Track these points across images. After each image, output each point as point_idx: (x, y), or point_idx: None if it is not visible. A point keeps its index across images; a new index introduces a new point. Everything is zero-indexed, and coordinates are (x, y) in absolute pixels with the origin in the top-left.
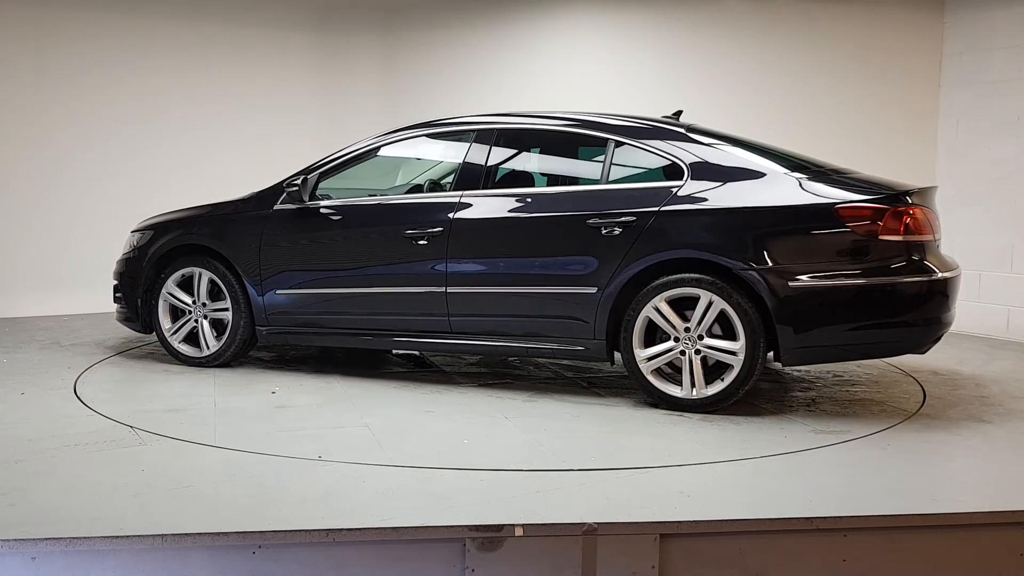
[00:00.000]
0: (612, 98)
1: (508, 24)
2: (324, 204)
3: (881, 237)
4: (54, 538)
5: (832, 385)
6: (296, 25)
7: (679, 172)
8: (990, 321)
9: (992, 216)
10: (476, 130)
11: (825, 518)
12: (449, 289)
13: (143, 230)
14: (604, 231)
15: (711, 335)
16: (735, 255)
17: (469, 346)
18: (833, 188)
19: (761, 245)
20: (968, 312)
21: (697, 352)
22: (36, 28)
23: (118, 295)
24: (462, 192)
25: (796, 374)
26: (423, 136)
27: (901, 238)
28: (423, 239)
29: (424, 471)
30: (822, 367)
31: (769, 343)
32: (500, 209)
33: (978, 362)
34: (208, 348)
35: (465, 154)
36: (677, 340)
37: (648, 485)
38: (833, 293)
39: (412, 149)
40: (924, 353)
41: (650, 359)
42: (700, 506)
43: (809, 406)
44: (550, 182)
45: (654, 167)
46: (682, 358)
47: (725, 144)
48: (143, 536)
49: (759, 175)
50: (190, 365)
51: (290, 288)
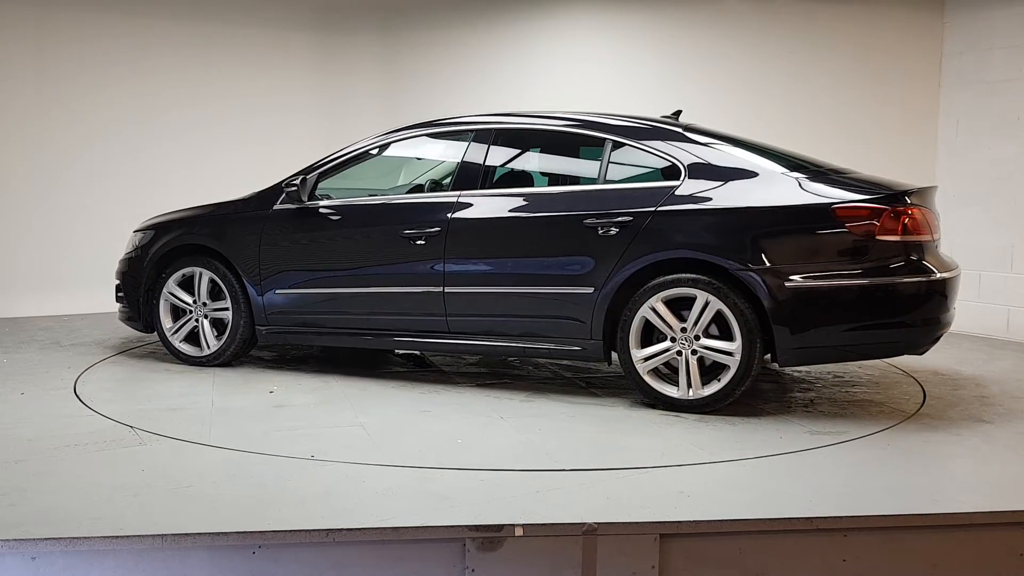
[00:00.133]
0: (612, 98)
1: (508, 24)
2: (323, 204)
3: (878, 237)
4: (54, 538)
5: (832, 386)
6: (296, 25)
7: (676, 172)
8: (990, 321)
9: (992, 216)
10: (474, 130)
11: (825, 518)
12: (446, 289)
13: (145, 230)
14: (601, 231)
15: (708, 335)
16: (731, 255)
17: (466, 346)
18: (831, 188)
19: (758, 245)
20: (968, 312)
21: (693, 352)
22: (36, 28)
23: (120, 294)
24: (460, 192)
25: (796, 375)
26: (421, 136)
27: (899, 238)
28: (421, 239)
29: (424, 471)
30: (823, 368)
31: (766, 344)
32: (497, 209)
33: (978, 362)
34: (208, 347)
35: (463, 154)
36: (674, 340)
37: (648, 485)
38: (830, 293)
39: (411, 149)
40: (922, 354)
41: (646, 359)
42: (700, 506)
43: (807, 407)
44: (548, 182)
45: (651, 167)
46: (679, 358)
47: (723, 144)
48: (143, 536)
49: (757, 175)
50: (191, 364)
51: (289, 288)
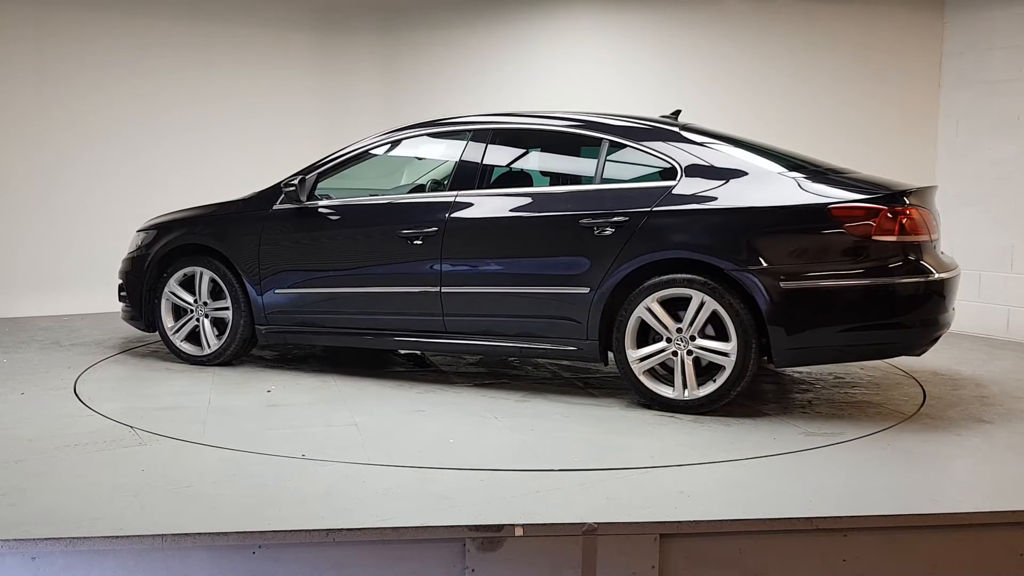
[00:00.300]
0: (612, 98)
1: (508, 24)
2: (322, 204)
3: (875, 237)
4: (54, 538)
5: (831, 387)
6: (296, 25)
7: (673, 172)
8: (990, 321)
9: (992, 216)
10: (472, 130)
11: (825, 518)
12: (443, 289)
13: (147, 229)
14: (596, 231)
15: (704, 336)
16: (727, 255)
17: (463, 346)
18: (828, 188)
19: (753, 245)
20: (968, 312)
21: (689, 353)
22: (36, 28)
23: (123, 294)
24: (457, 192)
25: (797, 376)
26: (420, 136)
27: (896, 238)
28: (418, 239)
29: (424, 471)
30: (824, 368)
31: (763, 344)
32: (494, 209)
33: (978, 362)
34: (209, 347)
35: (461, 154)
36: (669, 341)
37: (648, 485)
38: (826, 294)
39: (409, 149)
40: (920, 355)
41: (642, 359)
42: (700, 506)
43: (804, 408)
44: (546, 182)
45: (648, 167)
46: (674, 359)
47: (721, 144)
48: (143, 536)
49: (754, 175)
50: (192, 364)
51: (288, 288)
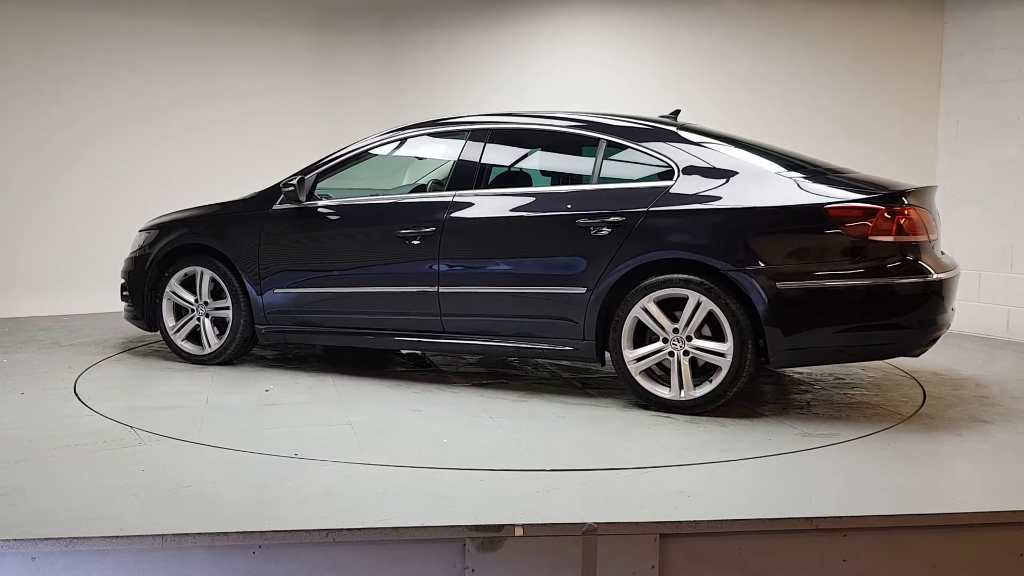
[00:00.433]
0: (612, 98)
1: (508, 24)
2: (321, 204)
3: (871, 238)
4: (54, 538)
5: (831, 388)
6: (296, 25)
7: (670, 172)
8: (990, 321)
9: (992, 216)
10: (470, 130)
11: (825, 518)
12: (441, 289)
13: (150, 229)
14: (593, 231)
15: (700, 336)
16: (723, 256)
17: (461, 346)
18: (825, 188)
19: (750, 246)
20: (968, 312)
21: (685, 353)
22: (36, 28)
23: (125, 293)
24: (455, 192)
25: (797, 376)
26: (419, 136)
27: (893, 239)
28: (416, 239)
29: (424, 471)
30: (825, 369)
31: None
32: (491, 209)
33: (978, 362)
34: (210, 346)
35: (459, 154)
36: (666, 341)
37: (648, 485)
38: (823, 294)
39: (408, 149)
40: (918, 356)
41: (639, 360)
42: (700, 506)
43: (802, 409)
44: (542, 182)
45: (645, 167)
46: (671, 359)
47: (719, 143)
48: (143, 536)
49: (751, 175)
50: (193, 363)
51: (287, 287)
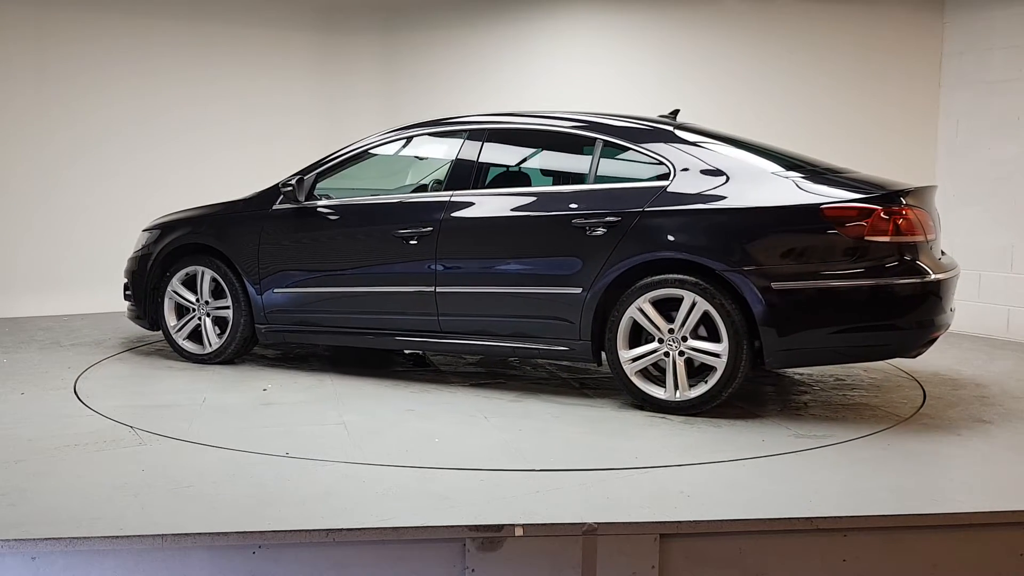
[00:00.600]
0: (612, 98)
1: (508, 24)
2: (320, 204)
3: (868, 238)
4: (54, 538)
5: (830, 389)
6: (296, 25)
7: (667, 172)
8: (990, 321)
9: (992, 216)
10: (468, 130)
11: (825, 518)
12: (438, 289)
13: (152, 229)
14: (589, 231)
15: (696, 337)
16: (719, 256)
17: (459, 346)
18: (822, 188)
19: (745, 246)
20: (968, 312)
21: (681, 354)
22: (36, 28)
23: (128, 292)
24: (452, 192)
25: (797, 377)
26: (417, 136)
27: (890, 239)
28: (414, 239)
29: (424, 471)
30: (825, 370)
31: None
32: (489, 209)
33: (978, 362)
34: (210, 345)
35: (456, 153)
36: (661, 341)
37: (648, 485)
38: (818, 295)
39: (407, 149)
40: (915, 357)
41: (634, 360)
42: (700, 506)
43: (799, 410)
44: (540, 182)
45: (642, 167)
46: (666, 360)
47: (716, 143)
48: (143, 536)
49: (748, 175)
50: (194, 362)
51: (287, 287)
